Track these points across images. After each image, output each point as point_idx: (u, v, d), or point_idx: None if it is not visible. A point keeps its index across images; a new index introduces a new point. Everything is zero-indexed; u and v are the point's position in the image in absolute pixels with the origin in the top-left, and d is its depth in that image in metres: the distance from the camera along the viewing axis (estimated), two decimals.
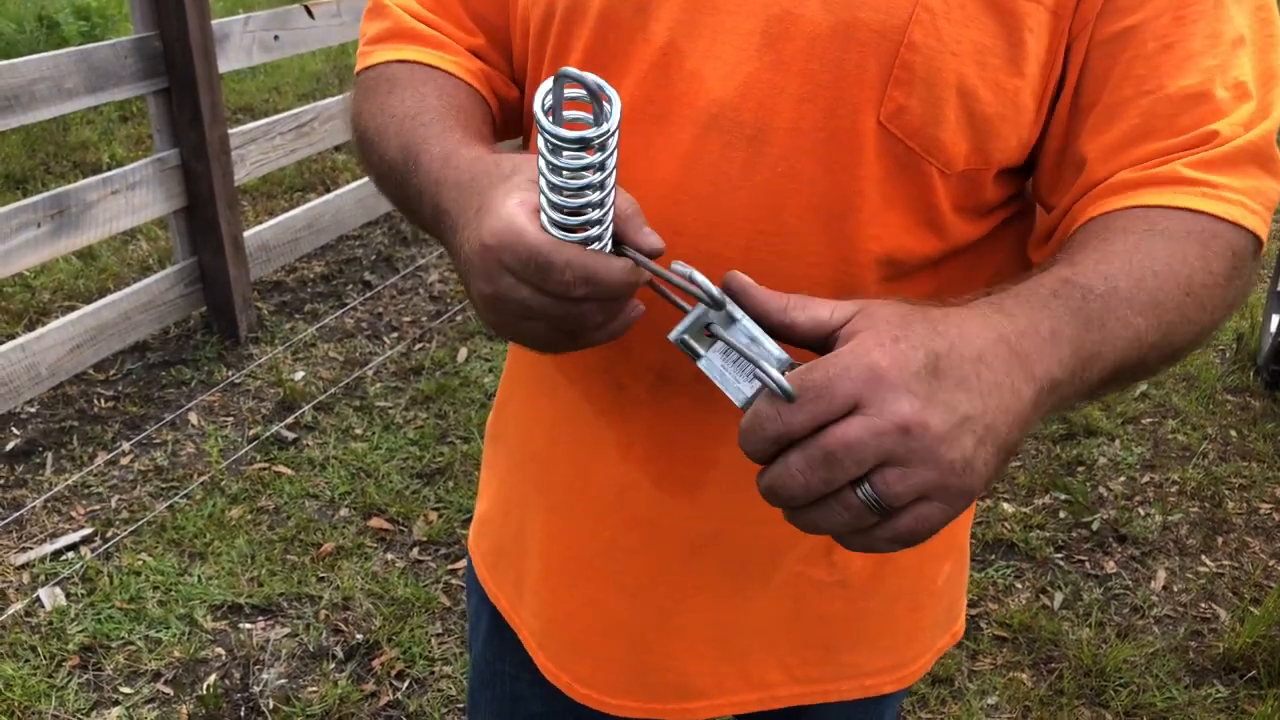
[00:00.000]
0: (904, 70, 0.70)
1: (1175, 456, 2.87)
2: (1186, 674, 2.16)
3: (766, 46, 0.71)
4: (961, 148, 0.72)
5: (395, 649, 2.13)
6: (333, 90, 5.32)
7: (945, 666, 2.14)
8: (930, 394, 0.54)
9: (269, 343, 3.20)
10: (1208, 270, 0.68)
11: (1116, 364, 0.63)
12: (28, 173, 4.26)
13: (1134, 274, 0.65)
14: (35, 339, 2.65)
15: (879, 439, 0.53)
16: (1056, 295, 0.62)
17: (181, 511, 2.47)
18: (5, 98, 2.48)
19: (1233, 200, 0.70)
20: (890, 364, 0.54)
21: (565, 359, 0.86)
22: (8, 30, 5.52)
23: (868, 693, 0.96)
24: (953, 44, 0.69)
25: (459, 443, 2.77)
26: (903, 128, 0.71)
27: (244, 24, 3.14)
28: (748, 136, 0.72)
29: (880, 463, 0.54)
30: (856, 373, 0.54)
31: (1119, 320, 0.63)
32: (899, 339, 0.55)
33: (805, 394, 0.54)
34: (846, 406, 0.54)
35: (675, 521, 0.86)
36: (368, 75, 0.85)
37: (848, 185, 0.73)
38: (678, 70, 0.74)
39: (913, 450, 0.53)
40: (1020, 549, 2.50)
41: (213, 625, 2.17)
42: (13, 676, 2.00)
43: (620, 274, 0.61)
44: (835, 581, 0.90)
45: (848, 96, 0.71)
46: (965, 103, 0.71)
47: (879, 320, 0.56)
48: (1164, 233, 0.68)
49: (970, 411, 0.55)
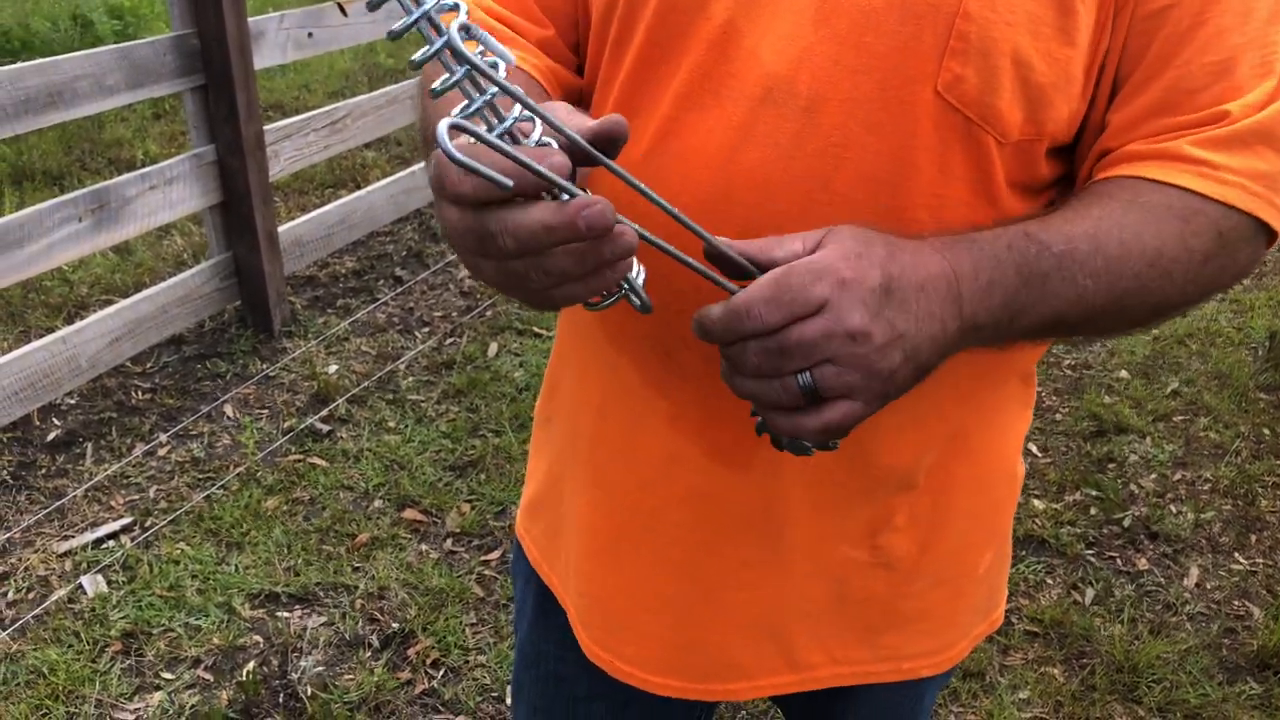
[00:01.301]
0: (960, 41, 0.71)
1: (1207, 454, 2.86)
2: (1220, 671, 2.16)
3: (822, 21, 0.73)
4: (1016, 116, 0.74)
5: (430, 638, 2.16)
6: (362, 88, 5.36)
7: (977, 660, 2.14)
8: (879, 309, 0.63)
9: (302, 337, 3.23)
10: (1183, 246, 0.72)
11: (1051, 318, 0.71)
12: (64, 169, 4.32)
13: (1098, 238, 0.70)
14: (75, 332, 2.70)
15: (829, 340, 0.62)
16: (1010, 248, 0.69)
17: (218, 502, 2.51)
18: (49, 94, 2.53)
19: (1230, 182, 0.72)
20: (853, 276, 0.62)
21: (615, 328, 0.87)
22: (43, 29, 5.60)
23: (904, 675, 0.97)
24: (1007, 14, 0.71)
25: (490, 436, 2.80)
26: (960, 97, 0.73)
27: (279, 21, 3.18)
28: (801, 107, 0.74)
29: (824, 359, 0.62)
30: (827, 280, 0.62)
31: (1064, 280, 0.69)
32: (861, 255, 0.63)
33: (782, 294, 0.61)
34: (815, 307, 0.62)
35: (725, 493, 0.87)
36: (427, 72, 0.87)
37: (902, 155, 0.75)
38: (735, 48, 0.75)
39: (854, 354, 0.62)
40: (1051, 545, 2.50)
41: (251, 613, 2.21)
42: (57, 661, 2.04)
43: (512, 168, 0.56)
44: (879, 564, 0.91)
45: (903, 68, 0.73)
46: (1020, 72, 0.72)
47: (844, 237, 0.65)
48: (1145, 205, 0.71)
49: (905, 331, 0.64)
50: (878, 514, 0.89)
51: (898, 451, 0.86)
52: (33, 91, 2.49)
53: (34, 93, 2.49)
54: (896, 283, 0.64)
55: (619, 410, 0.91)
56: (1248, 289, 3.79)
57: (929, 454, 0.88)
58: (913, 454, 0.87)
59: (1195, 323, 3.49)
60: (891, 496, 0.88)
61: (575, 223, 0.56)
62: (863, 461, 0.85)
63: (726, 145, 0.76)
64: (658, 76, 0.79)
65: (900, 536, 0.90)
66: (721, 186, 0.77)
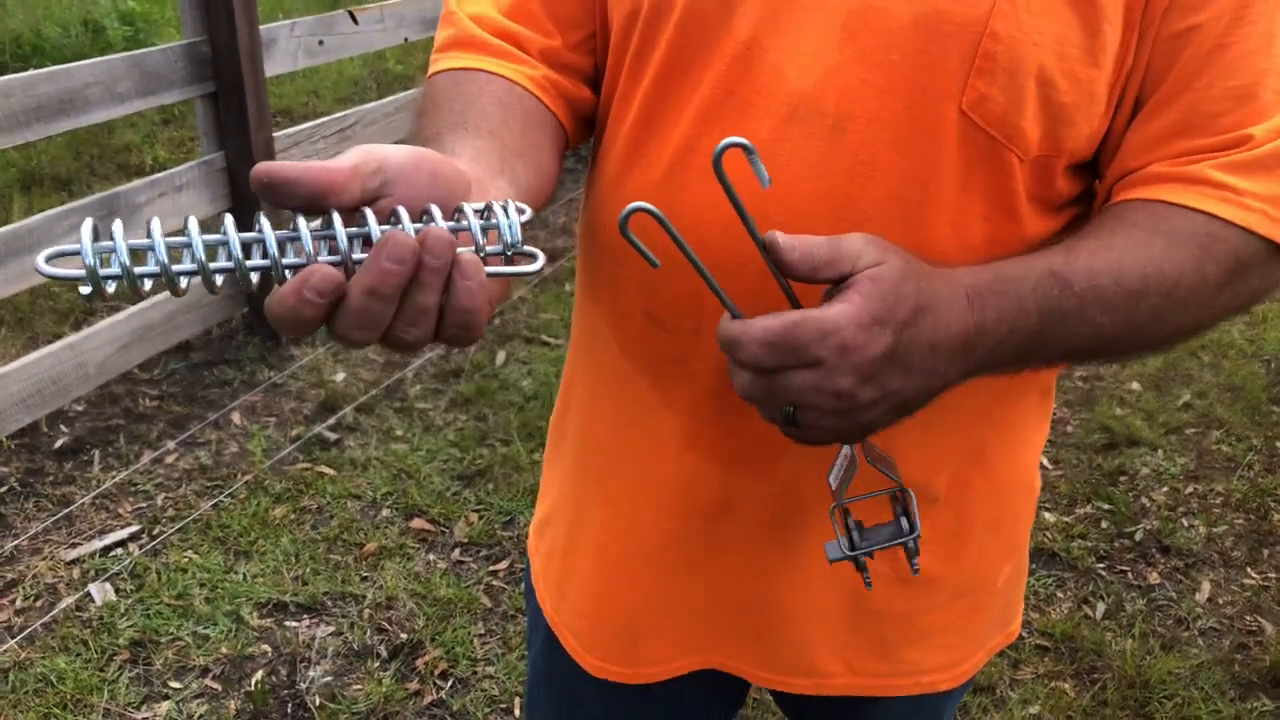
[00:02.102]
0: (986, 60, 0.71)
1: (1220, 468, 2.84)
2: (1232, 687, 2.14)
3: (848, 39, 0.73)
4: (1037, 134, 0.74)
5: (438, 649, 2.15)
6: (371, 95, 5.37)
7: (988, 675, 2.13)
8: (872, 376, 0.64)
9: (309, 344, 3.23)
10: (1200, 274, 0.72)
11: (1062, 354, 0.73)
12: (73, 174, 4.33)
13: (1120, 273, 0.70)
14: (84, 338, 2.70)
15: (815, 394, 0.64)
16: (1035, 290, 0.69)
17: (226, 510, 2.50)
18: (60, 101, 2.53)
19: (1252, 208, 0.72)
20: (855, 345, 0.63)
21: (633, 349, 0.87)
22: (54, 34, 5.61)
23: (923, 689, 0.97)
24: (1034, 34, 0.71)
25: (498, 445, 2.79)
26: (985, 116, 0.73)
27: (290, 29, 3.18)
28: (828, 126, 0.74)
29: (808, 405, 0.65)
30: (829, 343, 0.63)
31: (1083, 319, 0.70)
32: (878, 322, 0.63)
33: (782, 344, 0.63)
34: (807, 362, 0.64)
35: (744, 506, 0.88)
36: (425, 89, 0.86)
37: (927, 173, 0.74)
38: (759, 64, 0.75)
39: (837, 409, 0.65)
40: (1062, 558, 2.48)
41: (259, 623, 2.20)
42: (65, 670, 2.04)
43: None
44: (897, 578, 0.91)
45: (929, 86, 0.72)
46: (1044, 91, 0.72)
47: (878, 291, 0.64)
48: (1168, 233, 0.72)
49: (896, 389, 0.66)
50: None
51: (918, 466, 0.86)
52: (45, 98, 2.49)
53: (46, 100, 2.49)
54: (904, 348, 0.65)
55: (634, 428, 0.90)
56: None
57: (949, 468, 0.88)
58: (933, 468, 0.87)
59: (1208, 335, 3.47)
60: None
61: (303, 295, 0.54)
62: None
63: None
64: (678, 92, 0.79)
65: (923, 550, 0.90)
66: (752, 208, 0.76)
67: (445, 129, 0.74)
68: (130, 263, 0.53)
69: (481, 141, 0.73)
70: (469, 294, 0.56)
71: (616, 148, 0.83)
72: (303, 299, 0.54)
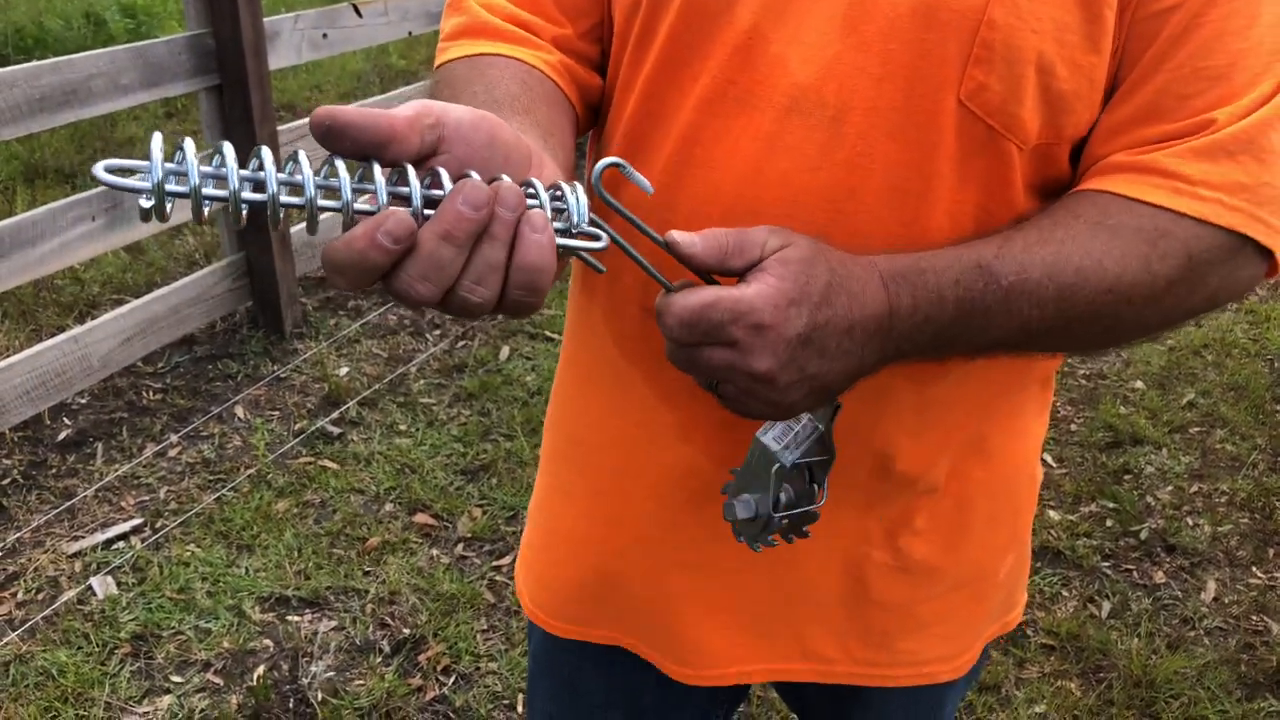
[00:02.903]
0: (984, 49, 0.70)
1: (1224, 466, 2.83)
2: (1239, 687, 2.14)
3: (848, 29, 0.72)
4: (1036, 123, 0.73)
5: (441, 644, 2.14)
6: (374, 89, 5.36)
7: (993, 674, 2.12)
8: (790, 358, 0.65)
9: (313, 338, 3.22)
10: (1146, 270, 0.70)
11: (987, 344, 0.73)
12: (76, 167, 4.32)
13: (1055, 266, 0.69)
14: (87, 331, 2.69)
15: (731, 371, 0.65)
16: (957, 283, 0.69)
17: (229, 504, 2.50)
18: (63, 93, 2.52)
19: (1205, 198, 0.70)
20: (772, 324, 0.64)
21: (629, 344, 0.87)
22: (55, 27, 5.60)
23: (924, 680, 0.97)
24: (1033, 21, 0.70)
25: (502, 440, 2.78)
26: (982, 106, 0.72)
27: (294, 22, 3.17)
28: (829, 117, 0.73)
29: (726, 381, 0.67)
30: (743, 324, 0.64)
31: (1007, 312, 0.70)
32: (793, 302, 0.64)
33: (698, 322, 0.64)
34: (724, 342, 0.64)
35: None
36: (438, 77, 0.85)
37: (925, 164, 0.74)
38: (761, 55, 0.74)
39: (754, 389, 0.66)
40: (1067, 557, 2.48)
41: (261, 617, 2.19)
42: (66, 663, 2.03)
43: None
44: (898, 567, 0.90)
45: (927, 76, 0.72)
46: (1043, 80, 0.71)
47: (789, 273, 0.65)
48: (1113, 228, 0.70)
49: (814, 372, 0.66)
50: (899, 516, 0.89)
51: (917, 457, 0.85)
52: (48, 90, 2.48)
53: (49, 91, 2.48)
54: (819, 331, 0.65)
55: (627, 421, 0.90)
56: (1264, 299, 3.77)
57: (948, 458, 0.87)
58: (932, 459, 0.86)
59: (1211, 334, 3.47)
60: (913, 500, 0.88)
61: (375, 239, 0.53)
62: (881, 466, 0.85)
63: (754, 155, 0.75)
64: (679, 81, 0.78)
65: (921, 539, 0.90)
66: (748, 198, 0.76)
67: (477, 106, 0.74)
68: (199, 183, 0.52)
69: (519, 119, 0.72)
70: (538, 248, 0.56)
71: (617, 137, 0.83)
72: (374, 243, 0.53)
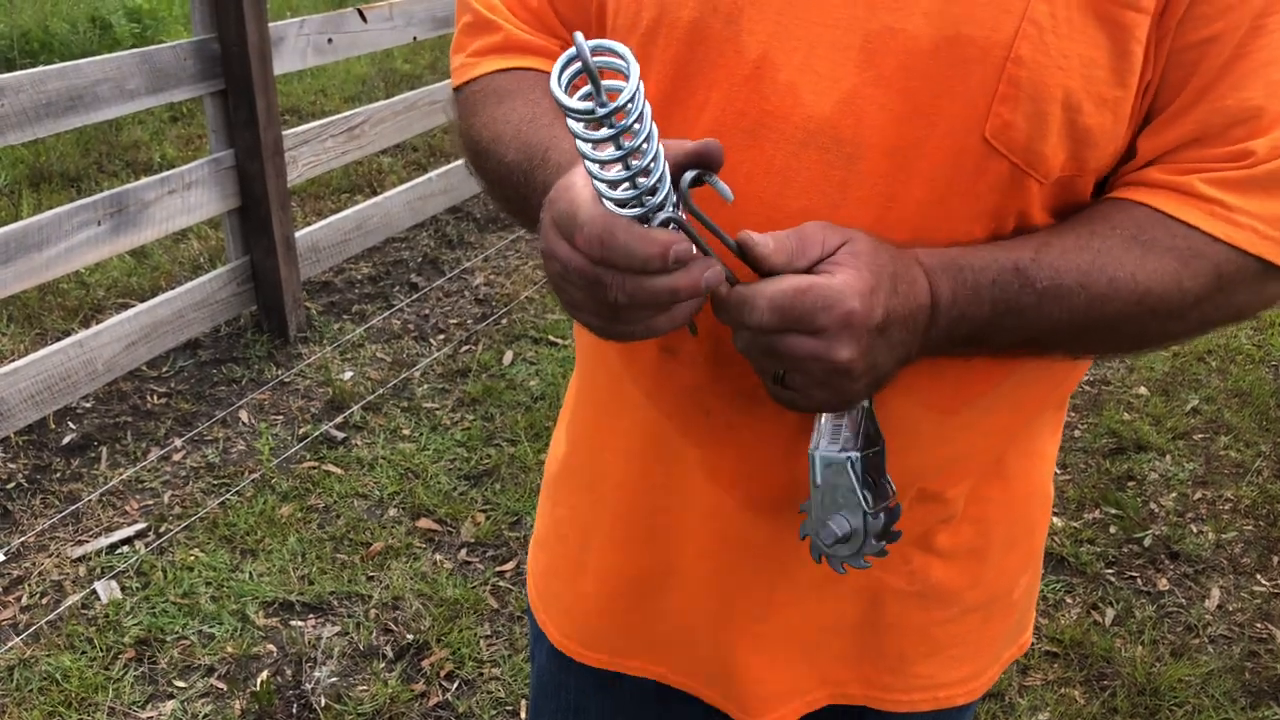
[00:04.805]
0: (1010, 86, 0.69)
1: (1228, 473, 2.83)
2: (1243, 695, 2.13)
3: (866, 62, 0.70)
4: (1060, 158, 0.72)
5: (445, 650, 2.14)
6: (378, 94, 5.37)
7: (997, 682, 2.11)
8: (869, 348, 0.66)
9: (317, 343, 3.23)
10: (1176, 286, 0.72)
11: (1016, 344, 0.74)
12: (81, 171, 4.33)
13: (1088, 275, 0.71)
14: (92, 335, 2.69)
15: (815, 362, 0.66)
16: (994, 283, 0.71)
17: (233, 508, 2.50)
18: (70, 98, 2.53)
19: (1241, 224, 0.71)
20: (861, 314, 0.65)
21: (650, 383, 0.86)
22: (61, 31, 5.62)
23: (940, 704, 0.96)
24: (1059, 58, 0.68)
25: (505, 445, 2.78)
26: (1007, 143, 0.70)
27: (299, 27, 3.18)
28: (847, 155, 0.71)
29: (803, 371, 0.67)
30: (836, 313, 0.64)
31: (1040, 315, 0.71)
32: (874, 290, 0.65)
33: (790, 308, 0.64)
34: (812, 330, 0.65)
35: (762, 539, 0.86)
36: (473, 89, 0.85)
37: (946, 202, 0.73)
38: (771, 83, 0.72)
39: (829, 379, 0.67)
40: (1071, 564, 2.47)
41: (265, 622, 2.20)
42: (70, 668, 2.03)
43: (638, 243, 0.61)
44: (914, 592, 0.90)
45: (952, 114, 0.70)
46: (1070, 116, 0.70)
47: (862, 262, 0.66)
48: (1147, 242, 0.72)
49: (881, 363, 0.68)
50: (917, 540, 0.88)
51: (937, 483, 0.85)
52: (54, 95, 2.49)
53: (55, 96, 2.49)
54: (891, 320, 0.66)
55: (649, 460, 0.89)
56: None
57: (967, 482, 0.87)
58: (952, 484, 0.86)
59: (1215, 340, 3.46)
60: (932, 524, 0.87)
61: (698, 286, 0.63)
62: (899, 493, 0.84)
63: (770, 190, 0.73)
64: (684, 112, 0.76)
65: (940, 563, 0.89)
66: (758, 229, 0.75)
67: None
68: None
69: None
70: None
71: None
72: (694, 284, 0.64)
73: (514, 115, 0.79)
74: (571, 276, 0.64)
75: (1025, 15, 0.68)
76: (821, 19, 0.71)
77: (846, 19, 0.70)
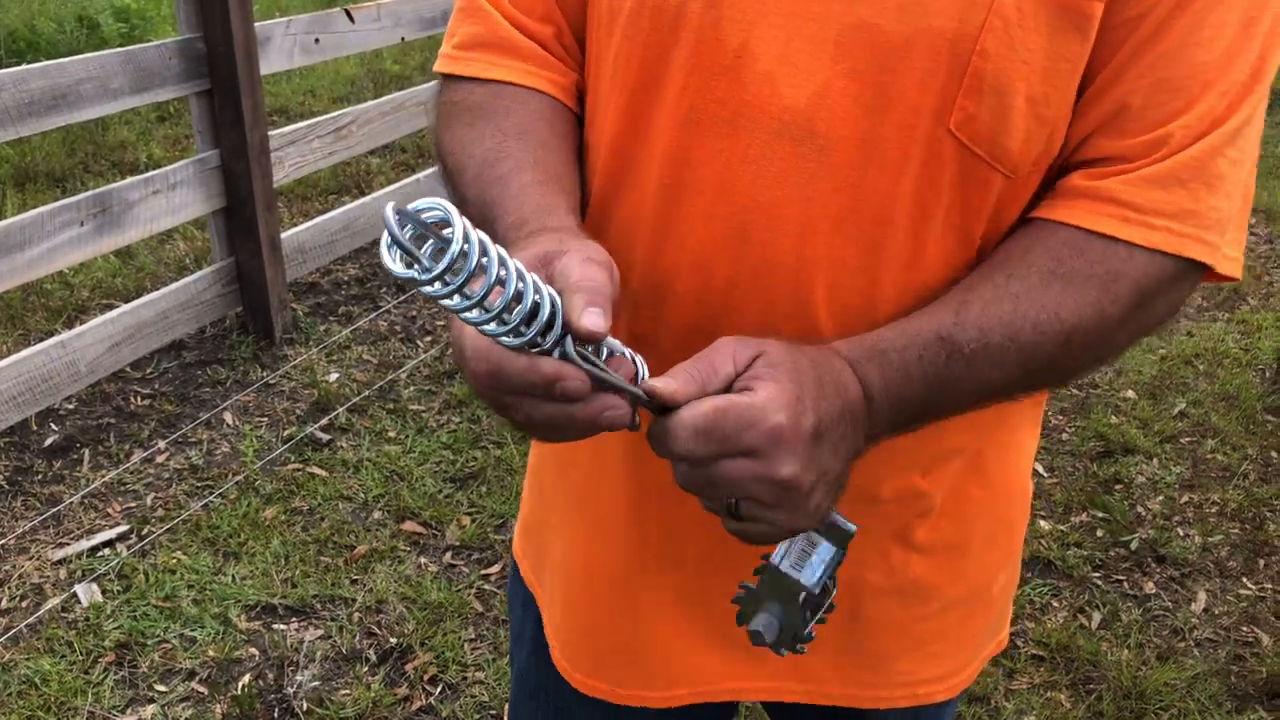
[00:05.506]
0: (974, 79, 0.69)
1: (1215, 477, 2.83)
2: (1229, 698, 2.13)
3: (839, 55, 0.71)
4: (1024, 150, 0.72)
5: (428, 653, 2.13)
6: (367, 95, 5.35)
7: (983, 685, 2.11)
8: (811, 458, 0.63)
9: (303, 344, 3.21)
10: (1100, 316, 0.72)
11: (954, 410, 0.74)
12: (67, 171, 4.30)
13: (1013, 325, 0.70)
14: (75, 336, 2.67)
15: (758, 484, 0.62)
16: (921, 359, 0.70)
17: (216, 511, 2.48)
18: (53, 97, 2.51)
19: (1156, 226, 0.71)
20: (789, 427, 0.62)
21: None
22: (48, 30, 5.59)
23: (920, 701, 0.96)
24: (1024, 52, 0.69)
25: (492, 448, 2.77)
26: (971, 135, 0.71)
27: (286, 27, 3.16)
28: (819, 146, 0.72)
29: (748, 496, 0.63)
30: (761, 430, 0.61)
31: (973, 378, 0.71)
32: (798, 399, 0.63)
33: (714, 431, 0.61)
34: (743, 451, 0.62)
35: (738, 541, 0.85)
36: (451, 98, 0.84)
37: (915, 194, 0.73)
38: (749, 72, 0.73)
39: (780, 499, 0.63)
40: (1058, 567, 2.47)
41: (247, 625, 2.18)
42: (50, 672, 2.01)
43: (523, 373, 0.59)
44: (893, 588, 0.90)
45: (918, 105, 0.71)
46: (1034, 109, 0.71)
47: (780, 373, 0.63)
48: (1065, 275, 0.71)
49: (831, 468, 0.65)
50: (895, 537, 0.88)
51: (914, 481, 0.85)
52: (37, 94, 2.47)
53: (38, 95, 2.47)
54: (825, 424, 0.64)
55: (617, 450, 0.88)
56: (1255, 310, 3.77)
57: (944, 474, 0.87)
58: (930, 482, 0.86)
59: (1202, 343, 3.47)
60: (910, 520, 0.87)
61: (596, 421, 0.60)
62: (875, 492, 0.84)
63: (744, 180, 0.74)
64: (661, 96, 0.76)
65: (918, 559, 0.89)
66: (737, 225, 0.75)
67: (529, 179, 0.75)
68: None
69: (564, 197, 0.75)
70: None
71: (603, 151, 0.81)
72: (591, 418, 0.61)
73: (477, 151, 0.78)
74: (481, 390, 0.63)
75: (992, 9, 0.68)
76: (799, 11, 0.71)
77: (823, 12, 0.71)
